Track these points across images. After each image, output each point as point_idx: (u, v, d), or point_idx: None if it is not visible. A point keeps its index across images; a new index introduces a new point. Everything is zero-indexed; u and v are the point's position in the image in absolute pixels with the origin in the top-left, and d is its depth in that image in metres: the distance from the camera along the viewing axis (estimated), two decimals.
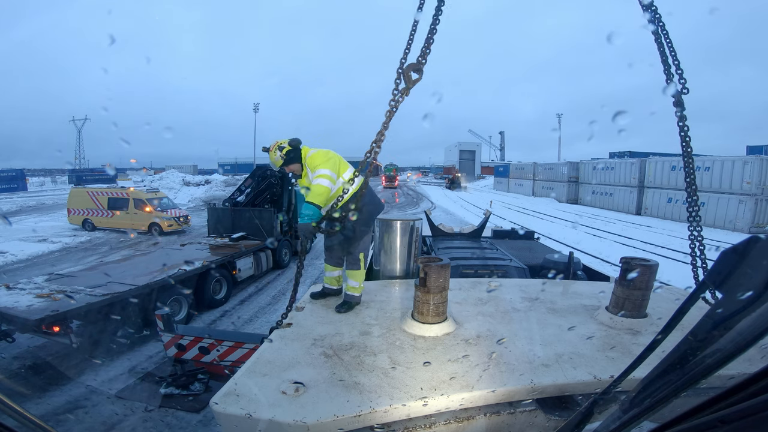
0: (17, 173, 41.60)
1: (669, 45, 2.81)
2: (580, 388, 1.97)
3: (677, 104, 2.81)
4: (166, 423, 5.04)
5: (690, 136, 2.86)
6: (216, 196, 29.52)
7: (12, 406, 0.90)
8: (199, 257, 9.50)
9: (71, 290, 6.85)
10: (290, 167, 3.11)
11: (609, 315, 2.73)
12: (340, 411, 1.70)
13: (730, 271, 0.75)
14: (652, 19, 2.78)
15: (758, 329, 0.66)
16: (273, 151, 3.10)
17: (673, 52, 2.80)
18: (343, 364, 2.11)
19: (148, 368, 6.39)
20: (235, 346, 5.45)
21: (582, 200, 32.42)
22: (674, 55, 2.80)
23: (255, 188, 12.99)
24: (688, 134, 2.86)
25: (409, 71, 2.33)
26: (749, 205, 18.14)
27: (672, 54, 2.80)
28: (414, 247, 3.79)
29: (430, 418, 1.85)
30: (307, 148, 3.15)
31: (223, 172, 64.87)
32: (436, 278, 2.41)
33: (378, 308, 2.96)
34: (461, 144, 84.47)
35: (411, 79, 2.34)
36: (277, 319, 2.68)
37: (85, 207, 19.14)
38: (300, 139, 3.14)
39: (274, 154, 3.09)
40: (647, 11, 2.76)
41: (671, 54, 2.80)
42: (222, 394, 1.82)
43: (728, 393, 0.64)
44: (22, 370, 6.25)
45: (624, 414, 0.89)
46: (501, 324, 2.69)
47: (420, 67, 2.34)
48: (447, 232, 7.80)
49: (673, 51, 2.80)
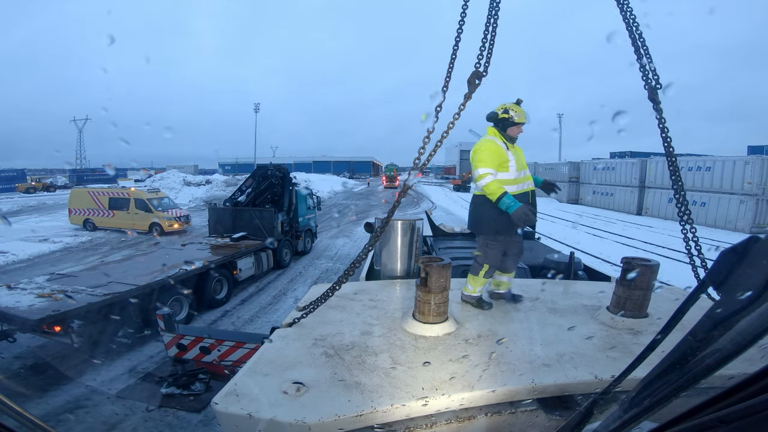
0: (18, 173, 41.69)
1: (640, 37, 2.80)
2: (581, 388, 1.97)
3: (652, 100, 2.82)
4: (167, 423, 5.05)
5: (671, 137, 2.86)
6: (217, 196, 29.56)
7: (12, 407, 0.90)
8: (199, 257, 9.51)
9: (72, 290, 6.87)
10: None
11: (610, 315, 2.73)
12: (342, 411, 1.71)
13: (729, 271, 0.75)
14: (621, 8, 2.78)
15: (758, 329, 0.67)
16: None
17: (644, 46, 2.79)
18: (345, 364, 2.11)
19: (149, 368, 6.40)
20: (236, 346, 5.46)
21: (583, 200, 32.39)
22: (645, 48, 2.79)
23: (256, 188, 13.01)
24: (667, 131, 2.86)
25: (473, 78, 2.49)
26: (750, 205, 18.12)
27: (643, 47, 2.79)
28: (415, 247, 3.79)
29: (431, 418, 1.85)
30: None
31: (223, 172, 64.99)
32: (437, 278, 2.41)
33: (379, 308, 2.97)
34: (461, 144, 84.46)
35: (474, 84, 2.50)
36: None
37: (86, 207, 19.18)
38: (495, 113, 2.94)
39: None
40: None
41: (642, 47, 2.79)
42: (223, 394, 1.82)
43: (728, 393, 0.65)
44: (24, 370, 6.26)
45: (624, 414, 0.89)
46: (502, 324, 2.69)
47: (481, 74, 2.51)
48: (448, 232, 7.81)
49: (644, 44, 2.79)
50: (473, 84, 2.48)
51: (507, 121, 2.87)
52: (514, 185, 2.86)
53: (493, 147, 2.85)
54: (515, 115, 2.86)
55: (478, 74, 2.49)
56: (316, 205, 15.63)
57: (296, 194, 13.72)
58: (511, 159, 2.87)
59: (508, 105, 2.90)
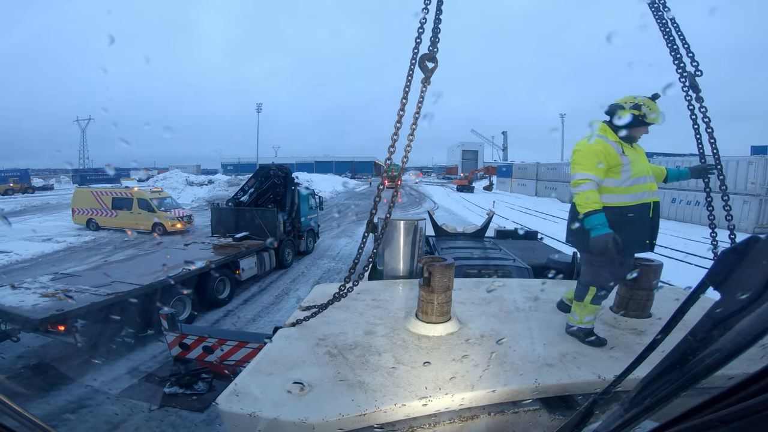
0: (22, 173, 41.85)
1: (676, 27, 2.78)
2: (584, 387, 1.97)
3: (693, 88, 2.76)
4: (170, 422, 5.06)
5: (712, 127, 2.74)
6: (219, 196, 29.61)
7: (12, 407, 0.91)
8: (202, 257, 9.54)
9: (76, 290, 6.90)
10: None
11: (613, 315, 2.74)
12: (345, 410, 1.71)
13: (730, 271, 0.75)
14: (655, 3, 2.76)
15: (758, 329, 0.67)
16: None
17: (681, 35, 2.77)
18: (348, 364, 2.12)
19: (152, 368, 6.42)
20: (238, 345, 5.48)
21: None
22: (681, 34, 2.77)
23: (258, 188, 13.04)
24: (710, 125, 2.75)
25: (423, 62, 2.41)
26: (753, 205, 18.02)
27: (680, 36, 2.77)
28: (418, 247, 3.80)
29: (434, 417, 1.86)
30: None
31: (225, 172, 65.11)
32: (440, 278, 2.42)
33: (382, 308, 2.97)
34: (464, 144, 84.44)
35: (428, 68, 2.41)
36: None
37: (90, 207, 19.25)
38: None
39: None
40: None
41: (679, 36, 2.77)
42: (226, 394, 1.83)
43: (728, 393, 0.65)
44: (26, 370, 6.29)
45: (624, 413, 0.89)
46: (504, 324, 2.69)
47: (433, 56, 2.42)
48: (450, 232, 7.82)
49: (680, 33, 2.77)
50: (426, 68, 2.42)
51: (635, 118, 2.36)
52: (627, 194, 2.37)
53: (597, 147, 2.36)
54: (649, 114, 2.35)
55: (430, 56, 2.42)
56: (318, 205, 15.66)
57: (298, 194, 13.74)
58: (626, 163, 2.36)
59: (641, 99, 2.38)
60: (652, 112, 2.35)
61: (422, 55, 2.41)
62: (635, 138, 2.45)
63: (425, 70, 2.41)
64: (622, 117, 2.36)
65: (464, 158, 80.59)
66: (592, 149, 2.35)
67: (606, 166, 2.33)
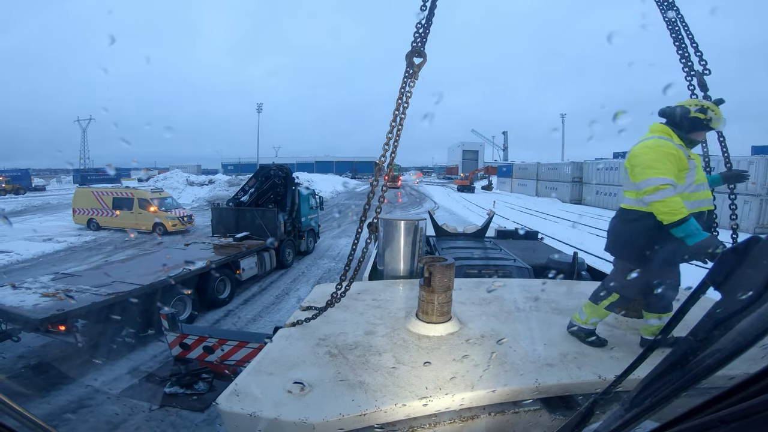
0: (22, 173, 41.88)
1: (685, 27, 2.79)
2: (584, 387, 1.97)
3: (701, 87, 2.76)
4: (170, 422, 5.06)
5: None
6: (219, 196, 29.59)
7: (13, 407, 0.91)
8: (202, 257, 9.54)
9: (77, 289, 6.90)
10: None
11: (614, 315, 2.73)
12: (345, 410, 1.71)
13: (730, 271, 0.75)
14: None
15: (759, 329, 0.67)
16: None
17: (690, 35, 2.78)
18: (348, 364, 2.12)
19: (152, 368, 6.42)
20: (239, 345, 5.48)
21: (585, 200, 32.29)
22: (691, 36, 2.78)
23: (258, 188, 13.03)
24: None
25: (411, 57, 2.45)
26: (754, 205, 18.01)
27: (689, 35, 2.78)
28: (418, 247, 3.80)
29: (434, 417, 1.86)
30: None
31: (225, 172, 65.11)
32: (440, 278, 2.42)
33: (382, 308, 2.97)
34: (464, 144, 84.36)
35: (414, 64, 2.45)
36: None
37: (90, 207, 19.26)
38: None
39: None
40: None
41: (687, 35, 2.78)
42: (227, 394, 1.83)
43: (728, 393, 0.65)
44: (26, 370, 6.29)
45: (625, 414, 0.89)
46: (505, 324, 2.69)
47: (420, 51, 2.47)
48: (450, 232, 7.81)
49: (689, 33, 2.78)
50: (413, 63, 2.47)
51: (699, 122, 2.24)
52: (688, 201, 2.18)
53: (669, 149, 2.16)
54: (715, 119, 2.25)
55: (418, 52, 2.47)
56: (319, 205, 15.66)
57: (299, 194, 13.75)
58: (692, 167, 2.22)
59: (707, 103, 2.30)
60: (717, 117, 2.26)
61: (408, 51, 2.47)
62: (696, 142, 2.35)
63: (412, 65, 2.47)
64: (690, 119, 2.24)
65: (465, 158, 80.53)
66: (664, 151, 2.16)
67: (676, 170, 2.17)
